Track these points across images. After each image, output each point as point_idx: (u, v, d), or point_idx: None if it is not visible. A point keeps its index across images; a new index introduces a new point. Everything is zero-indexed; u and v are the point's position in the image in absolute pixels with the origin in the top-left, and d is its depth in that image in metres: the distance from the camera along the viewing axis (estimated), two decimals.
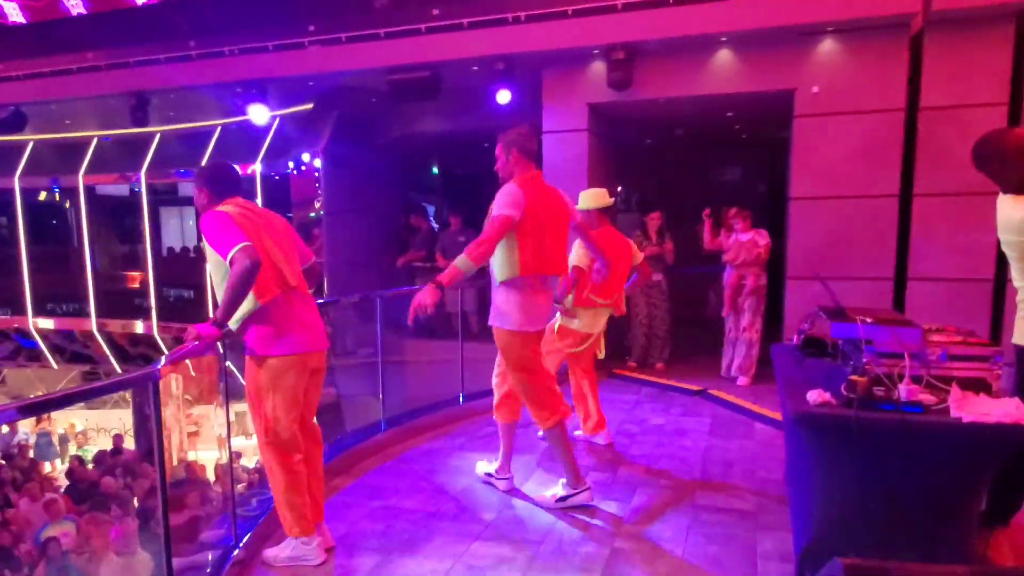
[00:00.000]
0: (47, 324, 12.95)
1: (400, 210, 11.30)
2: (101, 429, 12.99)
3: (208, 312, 11.33)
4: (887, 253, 6.37)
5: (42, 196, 13.93)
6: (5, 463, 9.38)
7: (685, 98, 7.02)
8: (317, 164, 10.19)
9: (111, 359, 12.68)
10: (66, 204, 13.77)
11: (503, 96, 7.44)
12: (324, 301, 3.49)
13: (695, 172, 10.77)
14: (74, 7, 8.68)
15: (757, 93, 6.74)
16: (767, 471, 4.48)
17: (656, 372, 7.36)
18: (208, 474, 8.72)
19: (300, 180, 10.46)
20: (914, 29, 6.15)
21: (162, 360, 2.90)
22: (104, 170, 12.45)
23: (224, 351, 3.60)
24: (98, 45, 9.03)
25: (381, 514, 3.87)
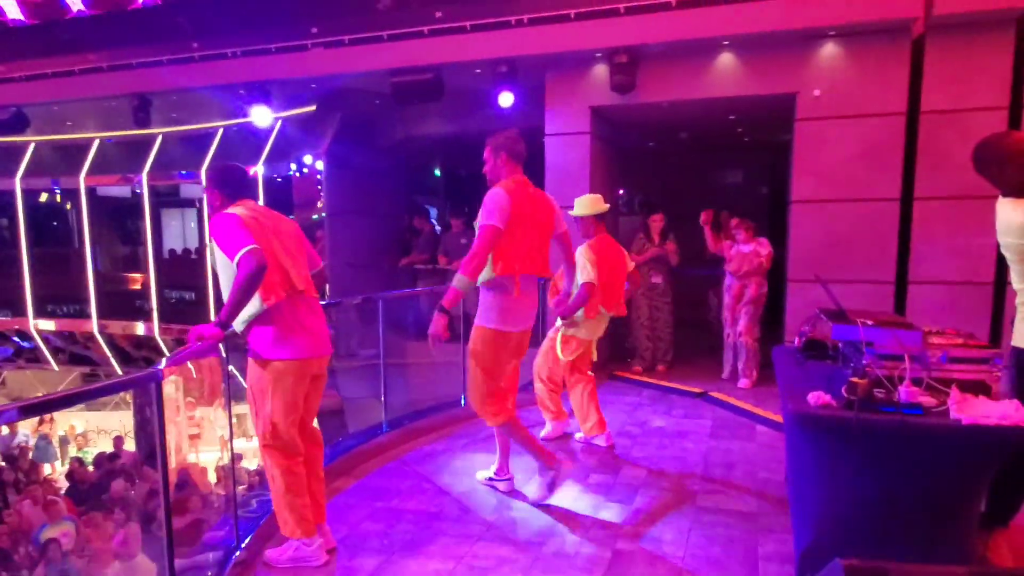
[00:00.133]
0: (48, 325, 12.95)
1: (402, 212, 11.30)
2: (101, 431, 12.98)
3: (210, 314, 11.35)
4: (888, 256, 6.39)
5: (43, 197, 13.92)
6: (6, 465, 9.38)
7: (687, 101, 7.03)
8: (319, 166, 10.21)
9: (112, 361, 12.68)
10: (67, 205, 13.76)
11: (506, 99, 7.44)
12: (326, 303, 3.50)
13: (697, 175, 10.79)
14: (73, 4, 8.65)
15: (759, 96, 6.76)
16: (768, 473, 4.49)
17: (657, 374, 7.36)
18: (209, 476, 8.72)
19: (302, 182, 10.48)
20: (915, 33, 6.16)
21: (164, 361, 2.91)
22: (106, 171, 12.45)
23: (227, 353, 3.61)
24: (100, 46, 9.03)
25: (383, 515, 3.88)
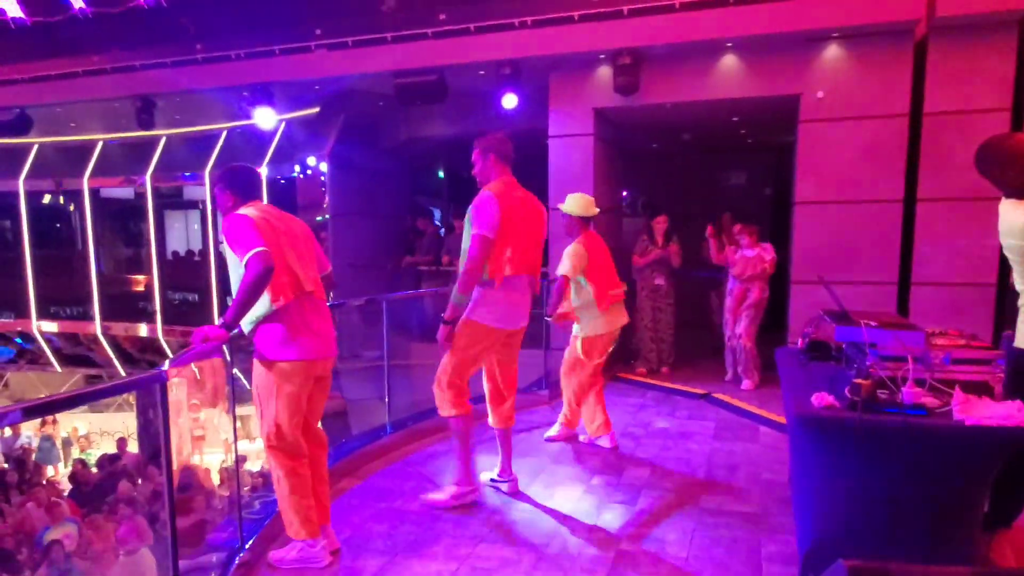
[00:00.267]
0: (51, 327, 12.98)
1: (406, 213, 11.33)
2: (104, 433, 12.99)
3: (213, 316, 11.37)
4: (891, 257, 6.39)
5: (47, 199, 13.95)
6: (7, 466, 9.40)
7: (691, 103, 7.04)
8: (323, 168, 10.23)
9: (115, 362, 12.70)
10: (71, 207, 13.78)
11: (509, 100, 7.45)
12: (331, 304, 3.51)
13: (701, 176, 10.79)
14: (75, 0, 8.63)
15: (762, 98, 6.77)
16: (772, 474, 4.50)
17: (661, 376, 7.36)
18: (212, 477, 8.72)
19: (306, 183, 10.49)
20: (918, 35, 6.17)
21: (168, 362, 2.91)
22: (109, 173, 12.48)
23: (232, 355, 3.62)
24: (104, 48, 9.05)
25: (386, 516, 3.88)
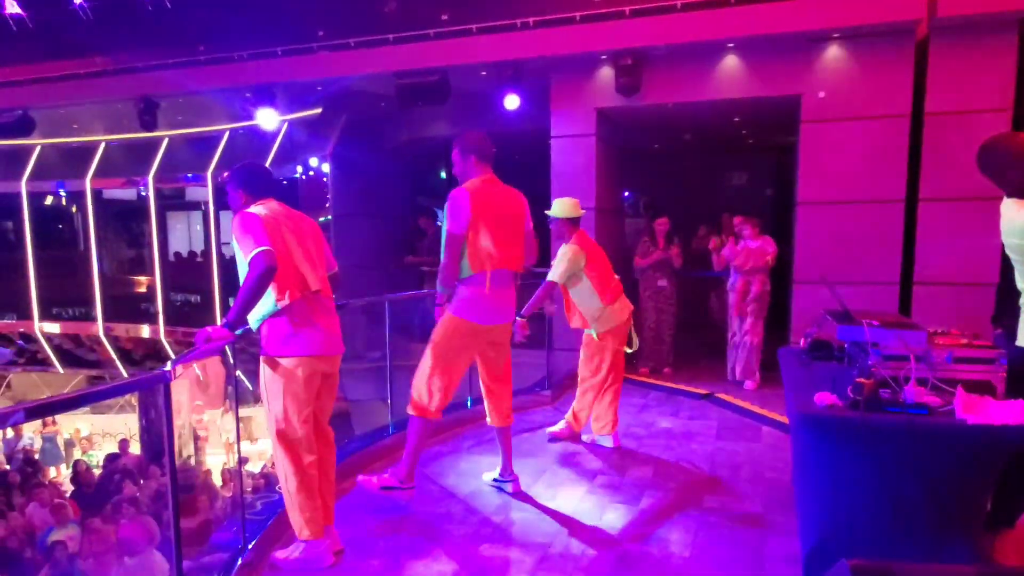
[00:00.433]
0: (53, 328, 12.99)
1: (408, 213, 11.35)
2: (106, 434, 12.99)
3: (215, 317, 11.38)
4: (893, 257, 6.39)
5: (49, 200, 13.98)
6: (9, 467, 9.41)
7: (693, 103, 7.05)
8: (325, 168, 10.25)
9: (117, 363, 12.71)
10: (73, 208, 13.81)
11: (511, 101, 7.46)
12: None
13: (702, 177, 10.80)
14: None
15: (764, 98, 6.78)
16: (774, 474, 4.50)
17: (663, 376, 7.36)
18: (215, 478, 8.73)
19: (309, 184, 10.52)
20: (919, 35, 6.17)
21: (170, 363, 2.92)
22: (111, 174, 12.51)
23: (234, 357, 3.62)
24: (106, 49, 9.07)
25: (389, 516, 3.89)
